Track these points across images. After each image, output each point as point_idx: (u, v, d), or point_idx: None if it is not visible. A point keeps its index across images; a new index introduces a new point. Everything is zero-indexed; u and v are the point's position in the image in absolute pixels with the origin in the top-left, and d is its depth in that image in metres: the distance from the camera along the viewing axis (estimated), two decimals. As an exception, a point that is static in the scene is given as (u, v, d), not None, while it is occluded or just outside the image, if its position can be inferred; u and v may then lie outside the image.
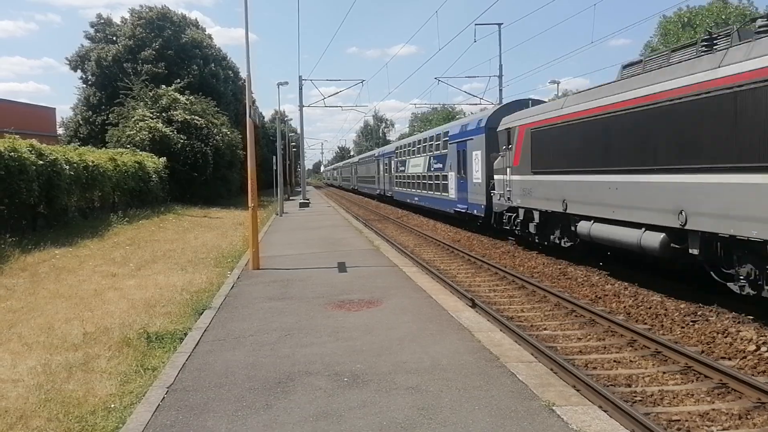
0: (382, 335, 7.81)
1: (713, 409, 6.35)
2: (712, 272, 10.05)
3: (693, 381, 7.25)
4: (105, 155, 26.85)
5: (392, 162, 40.64)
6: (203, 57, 51.92)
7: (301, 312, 9.27)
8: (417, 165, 31.96)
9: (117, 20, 54.12)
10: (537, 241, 16.72)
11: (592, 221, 13.05)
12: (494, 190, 19.31)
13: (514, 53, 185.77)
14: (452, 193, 25.02)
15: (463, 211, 23.48)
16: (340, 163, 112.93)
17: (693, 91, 9.79)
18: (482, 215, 21.03)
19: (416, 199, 32.47)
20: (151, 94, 40.37)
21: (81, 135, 47.66)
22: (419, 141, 32.43)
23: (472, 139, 22.11)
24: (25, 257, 14.62)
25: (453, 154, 24.64)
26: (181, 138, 37.74)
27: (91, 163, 23.11)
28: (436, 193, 27.94)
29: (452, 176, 24.79)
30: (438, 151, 27.55)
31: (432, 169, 28.56)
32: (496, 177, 19.09)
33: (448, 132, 26.35)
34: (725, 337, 8.61)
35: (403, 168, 36.52)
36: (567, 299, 11.13)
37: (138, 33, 50.04)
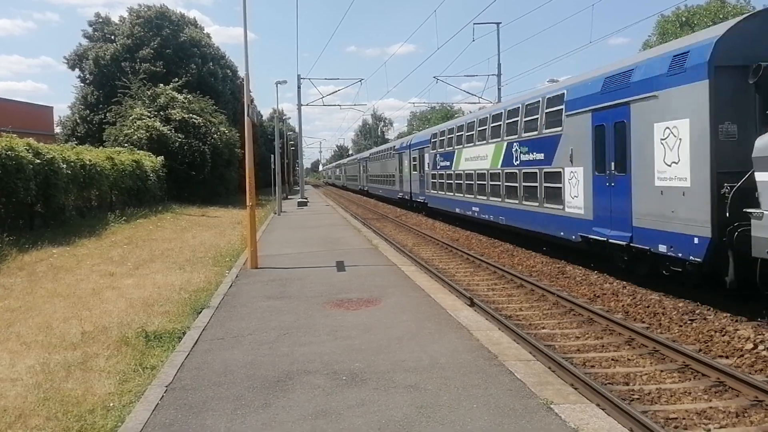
0: (381, 334, 7.81)
1: (710, 407, 6.38)
2: None
3: (690, 379, 7.27)
4: (102, 154, 26.80)
5: (427, 155, 29.64)
6: (201, 56, 51.81)
7: (299, 311, 9.28)
8: (478, 158, 21.35)
9: (115, 19, 54.03)
10: None
11: None
12: (761, 208, 8.74)
13: (513, 52, 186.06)
14: (577, 204, 13.94)
15: (619, 242, 12.03)
16: (345, 160, 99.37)
17: None
18: (699, 259, 9.99)
19: (475, 210, 21.78)
20: (149, 93, 40.30)
21: (78, 134, 47.52)
22: (482, 121, 21.06)
23: (654, 97, 11.06)
24: (22, 256, 14.60)
25: (579, 135, 13.77)
26: (179, 137, 37.68)
27: (88, 162, 23.08)
28: (527, 203, 16.99)
29: (577, 174, 13.94)
30: (533, 134, 16.46)
31: (516, 162, 17.72)
32: None
33: (561, 95, 14.76)
34: (723, 335, 8.64)
35: (447, 163, 25.61)
36: (565, 298, 11.15)
37: (136, 32, 49.92)
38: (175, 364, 6.80)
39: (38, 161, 18.32)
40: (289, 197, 54.03)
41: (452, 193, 24.97)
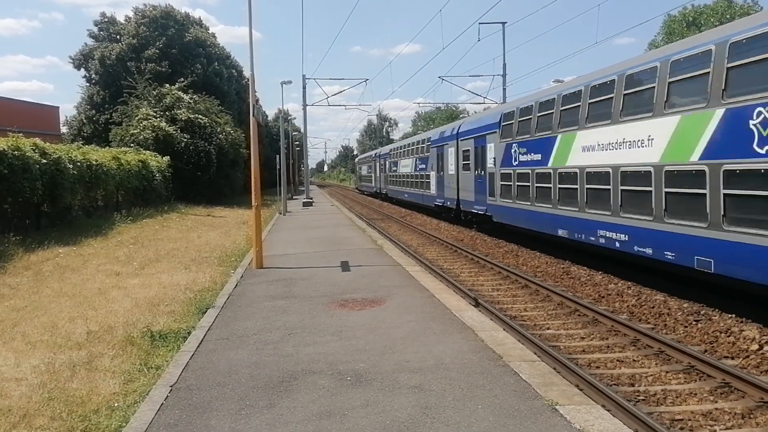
0: (385, 334, 7.81)
1: (716, 409, 6.35)
2: None
3: (696, 380, 7.25)
4: (108, 154, 26.88)
5: (491, 147, 20.40)
6: (207, 56, 51.93)
7: (304, 311, 9.28)
8: (623, 144, 12.42)
9: (121, 19, 54.20)
10: None
11: None
12: None
13: (518, 52, 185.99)
14: None
15: None
16: (364, 155, 79.78)
17: None
18: None
19: (617, 237, 12.60)
20: (154, 93, 40.42)
21: (84, 134, 47.71)
22: (630, 80, 12.26)
23: None
24: (28, 256, 14.65)
25: None
26: (185, 137, 37.78)
27: (94, 162, 23.14)
28: None
29: None
30: None
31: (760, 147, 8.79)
32: None
33: None
34: (728, 336, 8.61)
35: (537, 157, 16.60)
36: (570, 298, 11.12)
37: (142, 32, 50.08)
38: (180, 364, 6.81)
39: (44, 161, 18.38)
40: (294, 197, 54.07)
41: (550, 205, 15.67)
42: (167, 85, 41.60)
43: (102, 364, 6.97)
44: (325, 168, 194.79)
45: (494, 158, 20.07)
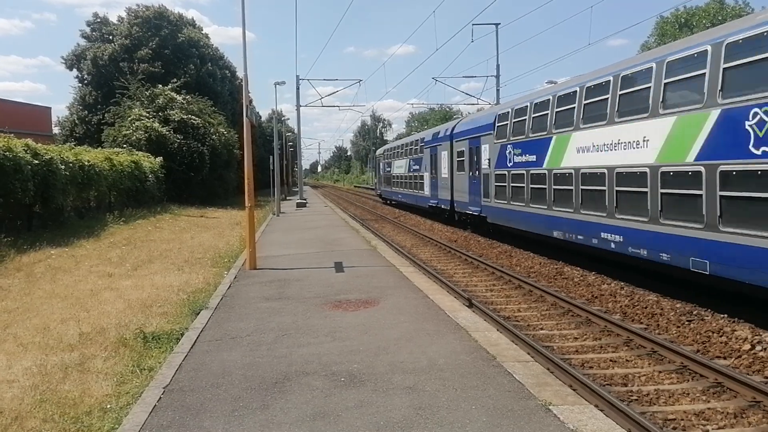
0: (379, 335, 7.81)
1: (708, 408, 6.38)
2: None
3: (688, 380, 7.28)
4: (101, 155, 26.77)
5: None
6: (200, 56, 51.78)
7: (298, 312, 9.26)
8: None
9: (113, 19, 54.05)
10: None
11: None
12: None
13: (512, 53, 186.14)
14: None
15: None
16: (387, 146, 48.74)
17: None
18: None
19: None
20: (147, 94, 40.26)
21: (77, 134, 47.51)
22: None
23: None
24: (20, 257, 14.57)
25: None
26: (178, 137, 37.65)
27: (86, 163, 23.04)
28: None
29: None
30: None
31: None
32: None
33: None
34: (720, 336, 8.65)
35: None
36: (563, 299, 11.15)
37: (134, 32, 49.91)
38: (173, 365, 6.78)
39: (36, 162, 18.29)
40: (288, 198, 53.98)
41: None
42: (160, 85, 41.45)
43: (94, 366, 6.93)
44: (319, 169, 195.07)
45: None
